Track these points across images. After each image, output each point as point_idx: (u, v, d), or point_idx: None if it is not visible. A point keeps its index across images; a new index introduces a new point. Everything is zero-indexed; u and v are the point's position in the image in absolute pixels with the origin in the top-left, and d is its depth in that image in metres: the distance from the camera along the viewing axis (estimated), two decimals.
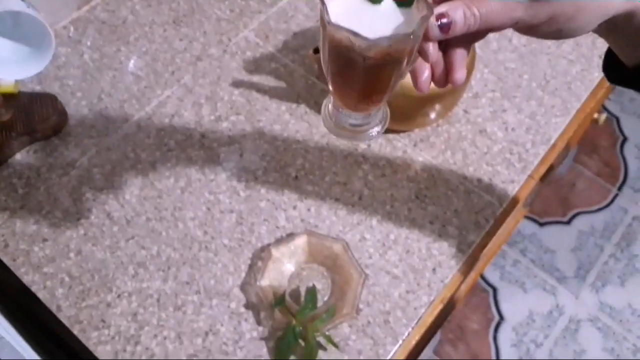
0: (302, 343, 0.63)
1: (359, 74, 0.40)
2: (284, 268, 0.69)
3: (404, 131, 0.80)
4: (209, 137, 0.79)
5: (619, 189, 1.86)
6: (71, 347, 0.68)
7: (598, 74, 0.87)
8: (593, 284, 1.68)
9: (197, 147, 0.78)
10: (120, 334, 0.66)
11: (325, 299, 0.68)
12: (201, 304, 0.68)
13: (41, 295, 0.68)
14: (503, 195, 0.76)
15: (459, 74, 0.42)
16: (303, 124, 0.80)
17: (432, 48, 0.41)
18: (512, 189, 0.76)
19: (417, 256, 0.71)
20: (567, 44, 0.90)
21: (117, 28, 0.88)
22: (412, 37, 0.37)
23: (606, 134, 1.96)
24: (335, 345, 0.64)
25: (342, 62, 0.40)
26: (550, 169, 0.84)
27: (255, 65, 0.86)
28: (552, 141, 0.81)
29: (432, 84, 0.44)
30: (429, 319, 0.68)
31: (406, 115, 0.75)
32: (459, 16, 0.39)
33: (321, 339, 0.64)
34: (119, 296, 0.68)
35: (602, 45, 0.91)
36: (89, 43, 0.87)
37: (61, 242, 0.71)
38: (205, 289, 0.69)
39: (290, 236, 0.70)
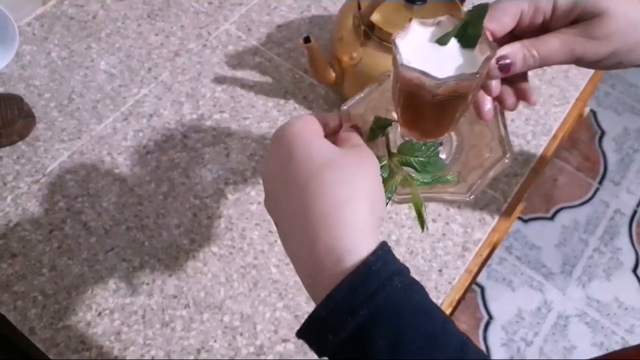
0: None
1: (427, 108, 0.43)
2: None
3: None
4: (192, 138, 0.73)
5: (600, 182, 1.86)
6: None
7: None
8: (579, 279, 1.67)
9: (179, 149, 0.72)
10: (102, 356, 0.59)
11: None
12: (191, 319, 0.62)
13: (11, 317, 0.61)
14: (507, 190, 0.72)
15: (534, 97, 0.46)
16: None
17: (495, 84, 0.44)
18: (516, 183, 0.73)
19: (421, 257, 0.67)
20: None
21: (87, 24, 0.82)
22: (477, 76, 0.40)
23: (584, 128, 1.96)
24: (423, 223, 0.45)
25: (412, 98, 0.43)
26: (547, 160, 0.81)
27: (238, 60, 0.80)
28: (553, 132, 0.78)
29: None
30: None
31: None
32: (519, 58, 0.42)
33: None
34: (99, 314, 0.61)
35: None
36: (56, 40, 0.80)
37: (32, 257, 0.64)
38: (194, 302, 0.63)
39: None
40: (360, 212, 0.36)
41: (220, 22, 0.84)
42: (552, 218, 1.78)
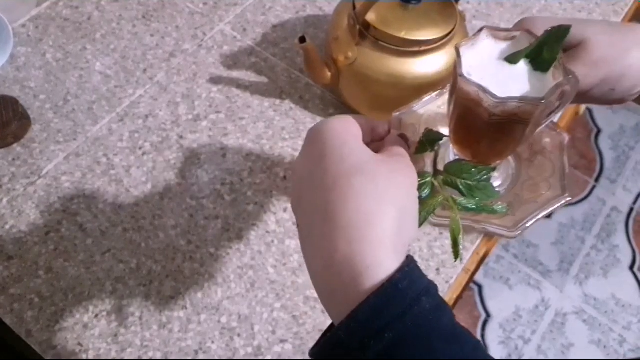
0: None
1: (482, 129, 0.40)
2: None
3: None
4: (188, 138, 0.73)
5: (596, 180, 1.86)
6: None
7: None
8: (577, 277, 1.68)
9: (175, 149, 0.72)
10: (99, 357, 0.59)
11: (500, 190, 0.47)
12: (188, 320, 0.62)
13: (8, 319, 0.61)
14: None
15: None
16: (289, 121, 0.75)
17: None
18: None
19: (418, 256, 0.67)
20: None
21: (82, 25, 0.82)
22: (542, 102, 0.37)
23: (581, 126, 1.96)
24: (458, 253, 0.41)
25: (468, 114, 0.40)
26: None
27: (233, 60, 0.80)
28: None
29: None
30: None
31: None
32: None
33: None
34: (96, 316, 0.61)
35: None
36: (51, 42, 0.80)
37: (29, 260, 0.64)
38: (192, 304, 0.63)
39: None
40: (385, 229, 0.32)
41: (215, 22, 0.84)
42: (549, 216, 1.78)
